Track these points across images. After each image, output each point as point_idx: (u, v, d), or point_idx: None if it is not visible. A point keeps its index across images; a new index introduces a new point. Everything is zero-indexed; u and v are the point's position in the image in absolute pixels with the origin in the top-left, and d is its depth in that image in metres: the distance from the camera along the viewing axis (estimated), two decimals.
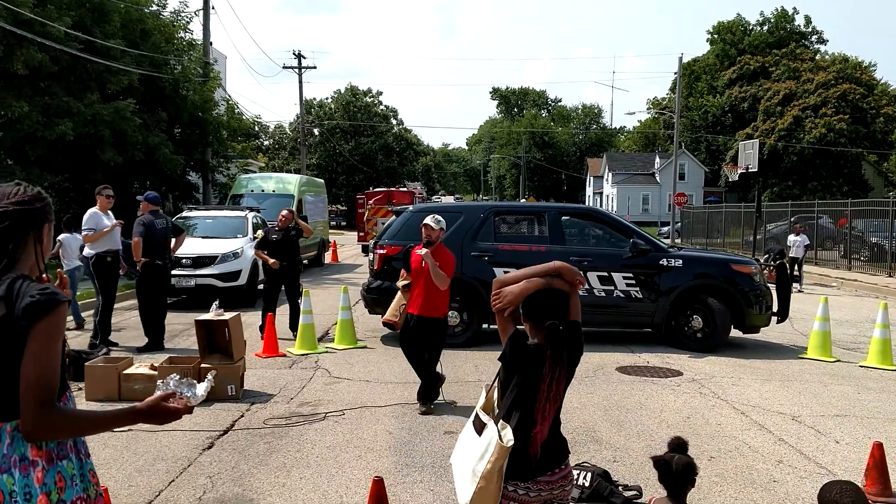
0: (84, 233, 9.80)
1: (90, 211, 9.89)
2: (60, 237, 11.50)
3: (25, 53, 17.72)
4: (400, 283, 7.45)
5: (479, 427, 2.97)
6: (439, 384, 7.32)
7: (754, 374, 8.99)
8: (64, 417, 2.08)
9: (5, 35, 17.33)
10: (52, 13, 18.35)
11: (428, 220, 7.09)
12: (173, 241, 10.25)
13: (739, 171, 30.81)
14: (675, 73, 40.51)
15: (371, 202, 29.60)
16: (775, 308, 10.68)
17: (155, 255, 9.72)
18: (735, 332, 10.54)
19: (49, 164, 20.17)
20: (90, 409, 2.25)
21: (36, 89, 19.22)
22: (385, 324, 7.58)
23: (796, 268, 19.11)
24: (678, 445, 3.77)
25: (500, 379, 3.00)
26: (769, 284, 10.85)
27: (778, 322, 10.84)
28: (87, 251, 9.95)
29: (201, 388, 2.38)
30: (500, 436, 2.84)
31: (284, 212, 11.25)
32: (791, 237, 20.00)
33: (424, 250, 6.99)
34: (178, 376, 2.41)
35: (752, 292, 10.28)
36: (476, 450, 2.90)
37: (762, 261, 18.06)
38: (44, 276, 2.29)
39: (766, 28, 68.81)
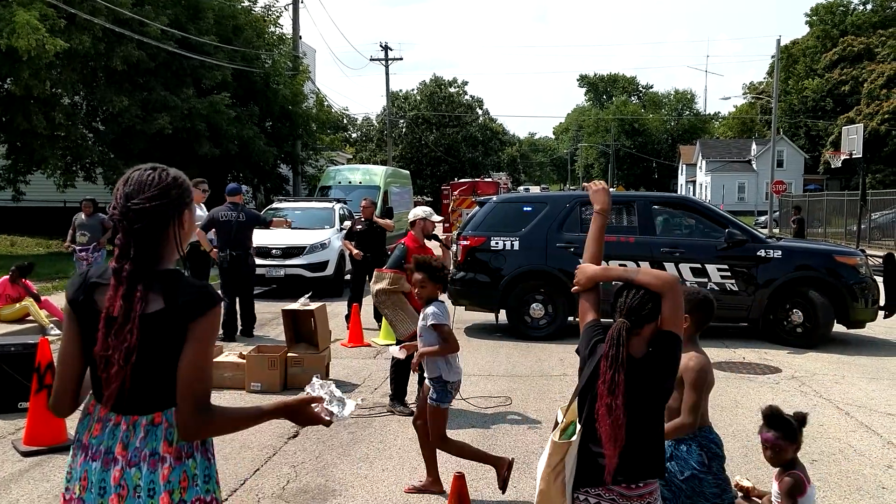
0: None
1: None
2: None
3: (124, 51, 18.50)
4: (408, 287, 6.39)
5: (555, 426, 2.81)
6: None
7: (860, 371, 8.48)
8: (219, 415, 2.11)
9: (106, 34, 18.10)
10: (149, 13, 19.07)
11: (432, 216, 7.08)
12: (263, 230, 10.34)
13: (842, 158, 29.31)
14: (773, 57, 38.91)
15: (456, 193, 29.57)
16: (882, 301, 10.05)
17: (223, 247, 9.84)
18: (838, 328, 9.97)
19: (149, 158, 20.98)
20: (240, 407, 2.25)
21: (135, 85, 20.05)
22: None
23: None
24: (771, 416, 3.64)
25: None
26: (875, 276, 10.23)
27: (885, 317, 10.17)
28: None
29: (348, 409, 2.35)
30: (555, 433, 2.68)
31: (364, 201, 11.32)
32: None
33: (436, 243, 7.09)
34: (333, 386, 2.38)
35: (857, 285, 9.70)
36: (545, 451, 2.75)
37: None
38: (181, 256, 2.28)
39: (869, 7, 65.24)
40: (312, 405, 2.28)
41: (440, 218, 7.12)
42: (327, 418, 2.28)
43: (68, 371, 2.17)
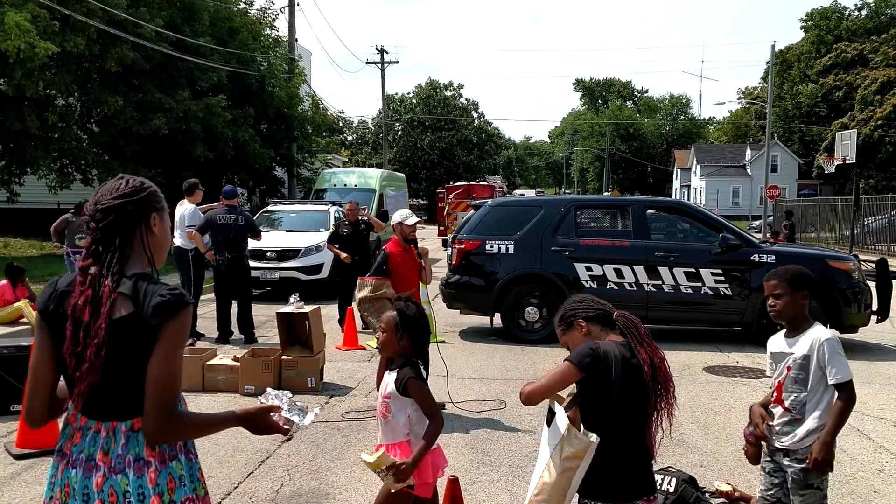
0: (188, 230, 9.92)
1: (191, 208, 10.01)
2: None
3: (119, 52, 18.44)
4: (391, 293, 6.51)
5: (550, 417, 2.83)
6: None
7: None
8: (183, 421, 2.11)
9: (101, 35, 18.06)
10: (144, 14, 19.04)
11: (408, 219, 7.02)
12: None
13: (836, 163, 29.37)
14: (768, 62, 39.05)
15: (451, 196, 29.55)
16: (875, 306, 10.08)
17: (219, 250, 9.81)
18: None
19: (143, 160, 20.97)
20: (201, 412, 2.26)
21: (130, 86, 19.99)
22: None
23: None
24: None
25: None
26: (868, 281, 10.26)
27: (878, 321, 10.21)
28: (183, 243, 10.05)
29: (308, 419, 2.35)
30: (584, 434, 2.71)
31: (348, 204, 11.31)
32: None
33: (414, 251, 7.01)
34: (291, 396, 2.38)
35: (850, 290, 9.73)
36: (551, 440, 2.76)
37: None
38: (155, 267, 2.26)
39: (864, 13, 65.48)
40: (271, 414, 2.29)
41: (416, 219, 7.11)
42: (286, 427, 2.30)
43: (40, 381, 2.17)
